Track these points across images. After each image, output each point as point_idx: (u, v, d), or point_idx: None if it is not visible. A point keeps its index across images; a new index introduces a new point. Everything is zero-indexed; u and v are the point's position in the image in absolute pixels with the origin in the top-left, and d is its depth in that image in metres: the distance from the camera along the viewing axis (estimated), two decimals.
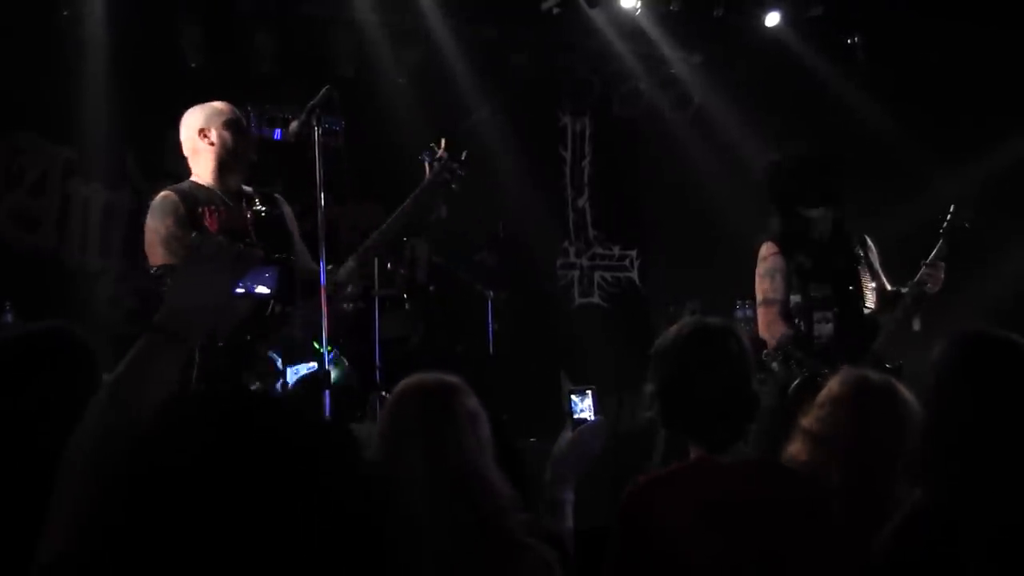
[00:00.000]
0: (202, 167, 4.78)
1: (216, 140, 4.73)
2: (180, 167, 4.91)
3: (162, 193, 4.75)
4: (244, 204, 4.80)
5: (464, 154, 4.97)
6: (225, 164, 4.75)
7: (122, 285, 7.66)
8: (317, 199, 4.43)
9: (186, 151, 4.83)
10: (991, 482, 2.43)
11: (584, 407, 2.97)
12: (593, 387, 3.02)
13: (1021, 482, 2.43)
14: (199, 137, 4.76)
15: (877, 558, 2.50)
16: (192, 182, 4.79)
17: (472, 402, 2.68)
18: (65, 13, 7.30)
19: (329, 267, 4.56)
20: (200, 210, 4.66)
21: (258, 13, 7.93)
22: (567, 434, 2.95)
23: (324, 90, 4.53)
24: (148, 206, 4.70)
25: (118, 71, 7.46)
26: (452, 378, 2.73)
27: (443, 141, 4.96)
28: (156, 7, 7.60)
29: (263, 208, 4.83)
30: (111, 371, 2.09)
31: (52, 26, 7.31)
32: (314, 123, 4.45)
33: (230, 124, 4.75)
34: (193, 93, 7.71)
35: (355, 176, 5.10)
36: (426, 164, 4.91)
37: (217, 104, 4.83)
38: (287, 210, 4.99)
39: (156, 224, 4.67)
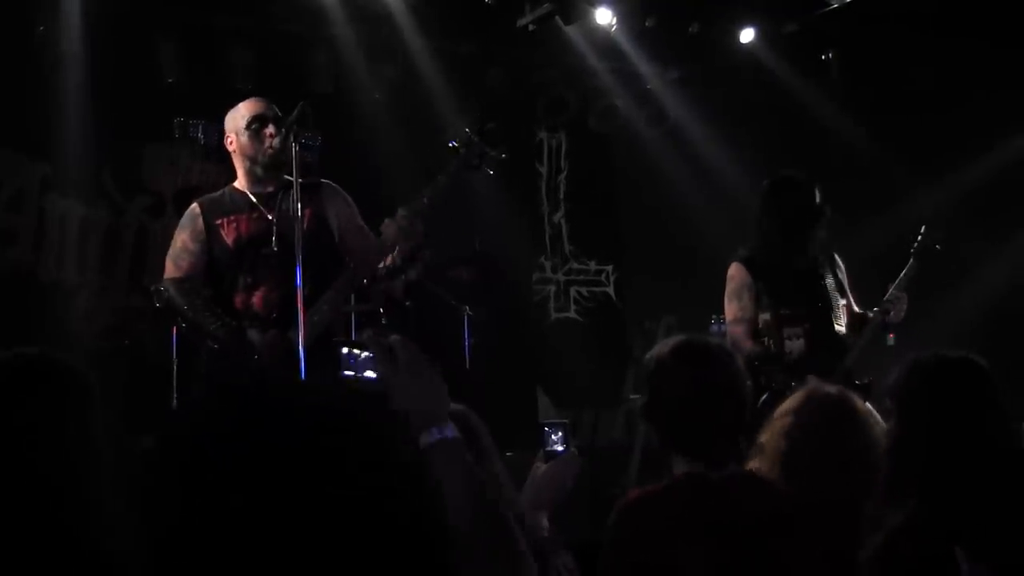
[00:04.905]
0: (238, 171, 4.78)
1: (237, 146, 4.71)
2: (156, 181, 4.89)
3: (193, 204, 4.79)
4: (274, 205, 4.67)
5: (500, 146, 4.75)
6: (250, 168, 4.71)
7: (99, 300, 7.64)
8: (295, 213, 4.41)
9: None
10: (969, 494, 2.46)
11: (556, 440, 2.98)
12: (566, 421, 3.03)
13: (997, 490, 2.46)
14: (228, 144, 4.76)
15: (865, 571, 2.52)
16: (230, 187, 4.80)
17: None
18: (41, 28, 7.27)
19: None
20: (219, 222, 4.65)
21: (235, 28, 7.92)
22: (540, 466, 2.97)
23: (299, 106, 4.52)
24: (126, 221, 4.67)
25: (95, 86, 7.43)
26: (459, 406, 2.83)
27: (479, 128, 4.73)
28: (133, 22, 7.57)
29: (286, 207, 4.59)
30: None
31: (28, 41, 7.28)
32: (292, 139, 4.45)
33: (248, 125, 4.65)
34: (169, 108, 7.82)
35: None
36: (457, 149, 4.65)
37: (241, 106, 4.75)
38: (331, 200, 4.79)
39: (174, 237, 4.75)
